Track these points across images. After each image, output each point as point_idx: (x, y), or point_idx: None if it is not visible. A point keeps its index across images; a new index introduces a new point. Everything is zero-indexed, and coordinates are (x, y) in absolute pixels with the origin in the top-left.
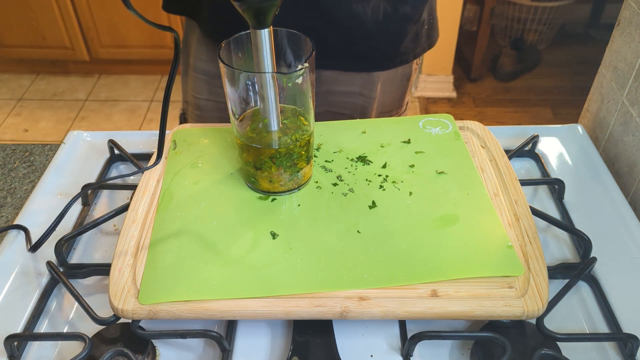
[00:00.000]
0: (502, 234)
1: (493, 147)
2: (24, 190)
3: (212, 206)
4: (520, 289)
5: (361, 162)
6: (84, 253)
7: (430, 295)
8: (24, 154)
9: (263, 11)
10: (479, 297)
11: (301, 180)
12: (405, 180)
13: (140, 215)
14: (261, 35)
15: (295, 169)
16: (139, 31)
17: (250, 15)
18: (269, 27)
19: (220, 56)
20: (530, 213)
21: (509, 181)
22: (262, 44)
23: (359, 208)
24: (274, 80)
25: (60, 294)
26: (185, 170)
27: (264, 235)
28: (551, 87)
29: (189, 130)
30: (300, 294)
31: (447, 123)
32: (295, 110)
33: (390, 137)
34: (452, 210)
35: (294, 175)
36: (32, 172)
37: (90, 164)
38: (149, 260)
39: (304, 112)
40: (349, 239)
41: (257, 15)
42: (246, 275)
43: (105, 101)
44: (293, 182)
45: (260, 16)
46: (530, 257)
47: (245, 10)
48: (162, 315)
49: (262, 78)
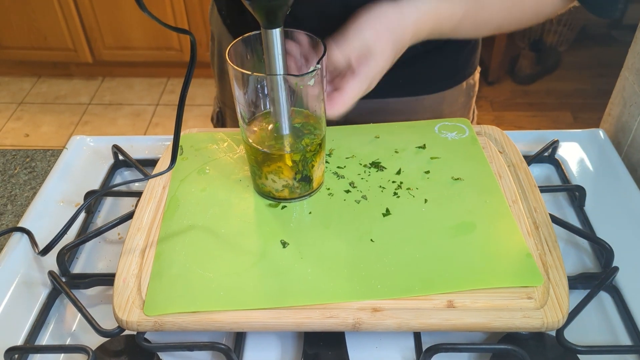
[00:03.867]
0: (521, 243)
1: (511, 153)
2: (25, 197)
3: (220, 214)
4: (540, 300)
5: (374, 168)
6: (87, 262)
7: (446, 306)
8: (24, 159)
9: (273, 10)
10: (496, 308)
11: (312, 187)
12: (420, 187)
13: (146, 223)
14: (272, 35)
15: (306, 175)
16: (144, 32)
17: (260, 14)
18: (280, 27)
19: (228, 57)
20: (549, 221)
21: (528, 188)
22: (273, 45)
23: (372, 216)
24: (285, 83)
25: (63, 305)
26: (192, 177)
27: (273, 244)
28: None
29: (196, 135)
30: (311, 305)
31: (464, 128)
32: (307, 114)
33: (404, 142)
34: (468, 218)
35: (305, 181)
36: (33, 178)
37: (93, 170)
38: (154, 270)
39: (315, 116)
40: (362, 247)
41: (267, 14)
42: (255, 285)
43: (109, 105)
44: (304, 188)
45: (270, 15)
46: (549, 267)
47: (255, 9)
48: (168, 326)
49: (272, 80)
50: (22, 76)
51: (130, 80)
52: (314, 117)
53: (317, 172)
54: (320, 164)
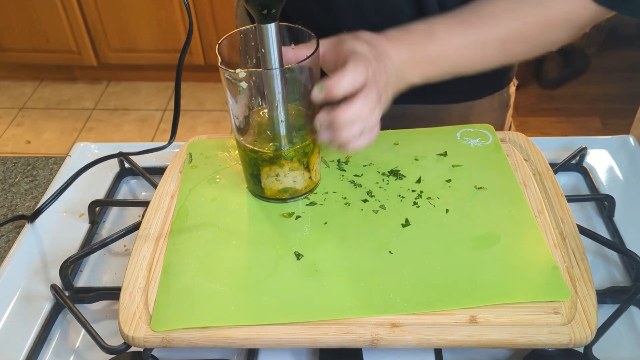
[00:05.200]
0: (547, 255)
1: (537, 160)
2: (26, 207)
3: (231, 224)
4: (567, 315)
5: (393, 177)
6: (91, 275)
7: (468, 321)
8: (26, 167)
9: (268, 4)
10: (521, 323)
11: (309, 185)
12: (441, 197)
13: (153, 234)
14: (267, 30)
15: (302, 171)
16: (151, 34)
17: (254, 8)
18: (276, 22)
19: (219, 53)
20: (577, 232)
21: (555, 197)
22: (269, 40)
23: (391, 226)
24: (282, 79)
25: (66, 320)
26: (201, 186)
27: (287, 256)
28: (600, 94)
29: (205, 142)
30: (327, 320)
31: (487, 134)
32: (300, 110)
33: (425, 150)
34: (492, 229)
35: (302, 178)
36: (35, 187)
37: (98, 178)
38: (162, 283)
39: (309, 112)
40: (380, 260)
41: (262, 8)
42: (268, 299)
43: (115, 110)
44: (301, 185)
45: (265, 9)
46: (577, 280)
47: (248, 2)
48: (177, 343)
49: (269, 77)
50: (23, 80)
51: (137, 84)
52: (308, 113)
53: (313, 169)
54: (317, 162)
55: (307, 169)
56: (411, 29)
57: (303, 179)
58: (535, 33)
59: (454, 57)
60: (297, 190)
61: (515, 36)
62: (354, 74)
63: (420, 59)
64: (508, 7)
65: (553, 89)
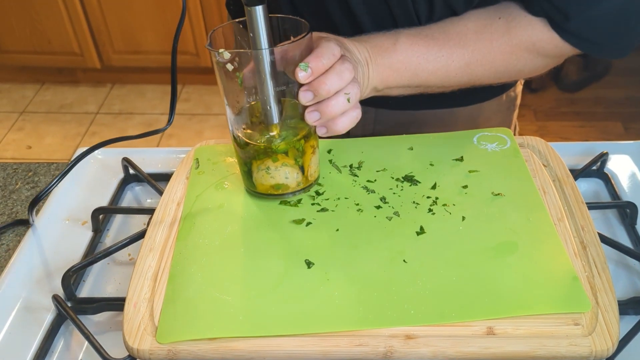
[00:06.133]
0: (567, 265)
1: (557, 166)
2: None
3: (239, 232)
4: (588, 326)
5: (408, 183)
6: (94, 286)
7: (485, 333)
8: (26, 173)
9: None
10: (540, 335)
11: (303, 182)
12: (457, 203)
13: (159, 243)
14: (255, 13)
15: (295, 167)
16: (157, 35)
17: None
18: (264, 4)
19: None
20: (598, 241)
21: (575, 204)
22: (257, 23)
23: (405, 234)
24: (271, 63)
25: (68, 332)
26: (209, 192)
27: (297, 264)
28: (622, 98)
29: (212, 148)
30: (339, 332)
31: (505, 138)
32: (294, 103)
33: (440, 155)
34: (510, 238)
35: (294, 174)
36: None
37: (101, 185)
38: (168, 293)
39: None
40: (393, 269)
41: None
42: (277, 309)
43: (119, 114)
44: (293, 181)
45: None
46: (598, 290)
47: None
48: (183, 355)
49: (256, 59)
50: (24, 83)
51: (142, 87)
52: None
53: (310, 162)
54: (312, 160)
55: (299, 165)
56: (378, 36)
57: (295, 176)
58: (499, 58)
59: (415, 70)
60: (289, 187)
61: (480, 59)
62: (328, 46)
63: (381, 64)
64: (476, 29)
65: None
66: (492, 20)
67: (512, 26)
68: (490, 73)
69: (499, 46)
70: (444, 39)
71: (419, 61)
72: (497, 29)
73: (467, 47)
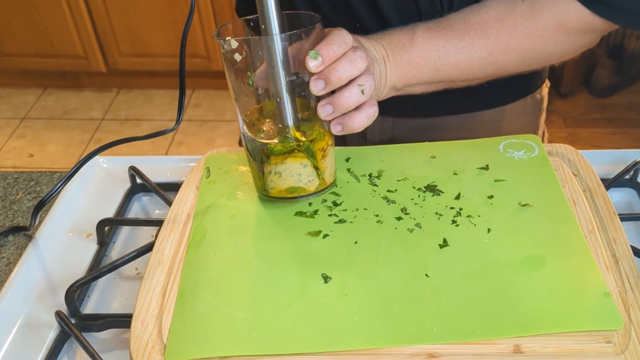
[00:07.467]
0: (598, 280)
1: (587, 175)
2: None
3: (252, 244)
4: (620, 344)
5: (430, 193)
6: (100, 301)
7: (512, 351)
8: (28, 183)
9: None
10: (570, 353)
11: (324, 181)
12: (482, 215)
13: (167, 256)
14: (266, 1)
15: (308, 168)
16: (165, 37)
17: None
18: None
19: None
20: (631, 254)
21: (606, 216)
22: (268, 11)
23: (427, 247)
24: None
25: (72, 350)
26: (220, 202)
27: (314, 279)
28: None
29: (224, 156)
30: (357, 350)
31: (533, 146)
32: (308, 102)
33: (464, 163)
34: (538, 251)
35: (308, 176)
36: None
37: (107, 195)
38: (177, 309)
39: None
40: (415, 284)
41: None
42: (293, 326)
43: (126, 120)
44: (313, 181)
45: None
46: (631, 307)
47: None
48: None
49: (269, 49)
50: (25, 87)
51: (150, 92)
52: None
53: (325, 165)
54: (329, 155)
55: (314, 166)
56: (393, 32)
57: (311, 177)
58: (526, 43)
59: (435, 64)
60: (304, 190)
61: (504, 46)
62: (339, 34)
63: (399, 61)
64: (498, 16)
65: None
66: (514, 4)
67: (537, 8)
68: (517, 60)
69: (524, 30)
70: (464, 29)
71: (439, 55)
72: (521, 13)
73: (490, 36)
